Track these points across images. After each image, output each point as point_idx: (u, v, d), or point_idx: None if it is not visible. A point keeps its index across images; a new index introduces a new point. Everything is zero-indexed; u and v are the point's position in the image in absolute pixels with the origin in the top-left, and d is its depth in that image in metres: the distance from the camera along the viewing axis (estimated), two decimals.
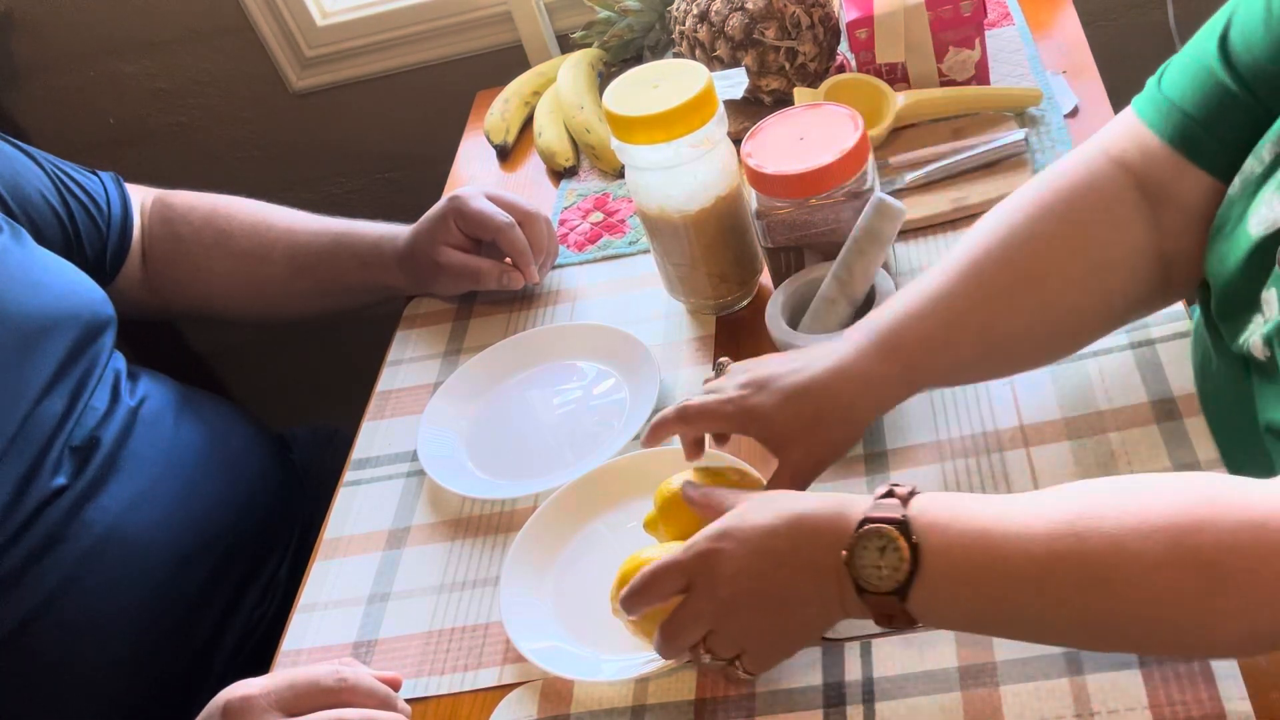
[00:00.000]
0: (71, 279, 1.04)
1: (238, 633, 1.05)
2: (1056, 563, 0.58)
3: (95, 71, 1.64)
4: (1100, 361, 0.86)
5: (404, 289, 1.17)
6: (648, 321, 1.05)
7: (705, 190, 0.95)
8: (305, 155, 1.71)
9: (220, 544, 1.04)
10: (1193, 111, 0.72)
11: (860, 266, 0.86)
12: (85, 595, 0.94)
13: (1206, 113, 0.72)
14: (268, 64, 1.60)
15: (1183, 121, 0.73)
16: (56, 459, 0.96)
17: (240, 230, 1.17)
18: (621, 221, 1.18)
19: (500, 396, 1.04)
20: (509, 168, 1.33)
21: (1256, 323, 0.66)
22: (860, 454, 0.86)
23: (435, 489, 0.97)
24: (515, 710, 0.79)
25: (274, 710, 0.76)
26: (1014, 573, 0.59)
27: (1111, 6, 1.49)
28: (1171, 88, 0.75)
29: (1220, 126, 0.71)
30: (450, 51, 1.56)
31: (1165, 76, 0.76)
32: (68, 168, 1.14)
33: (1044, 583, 0.59)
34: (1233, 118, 0.70)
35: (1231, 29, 0.71)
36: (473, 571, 0.90)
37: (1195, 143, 0.73)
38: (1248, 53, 0.69)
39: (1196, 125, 0.72)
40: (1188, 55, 0.75)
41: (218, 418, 1.13)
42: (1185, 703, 0.66)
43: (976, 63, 1.11)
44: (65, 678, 0.95)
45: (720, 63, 1.15)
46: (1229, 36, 0.71)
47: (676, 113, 0.90)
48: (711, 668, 0.70)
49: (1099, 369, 0.85)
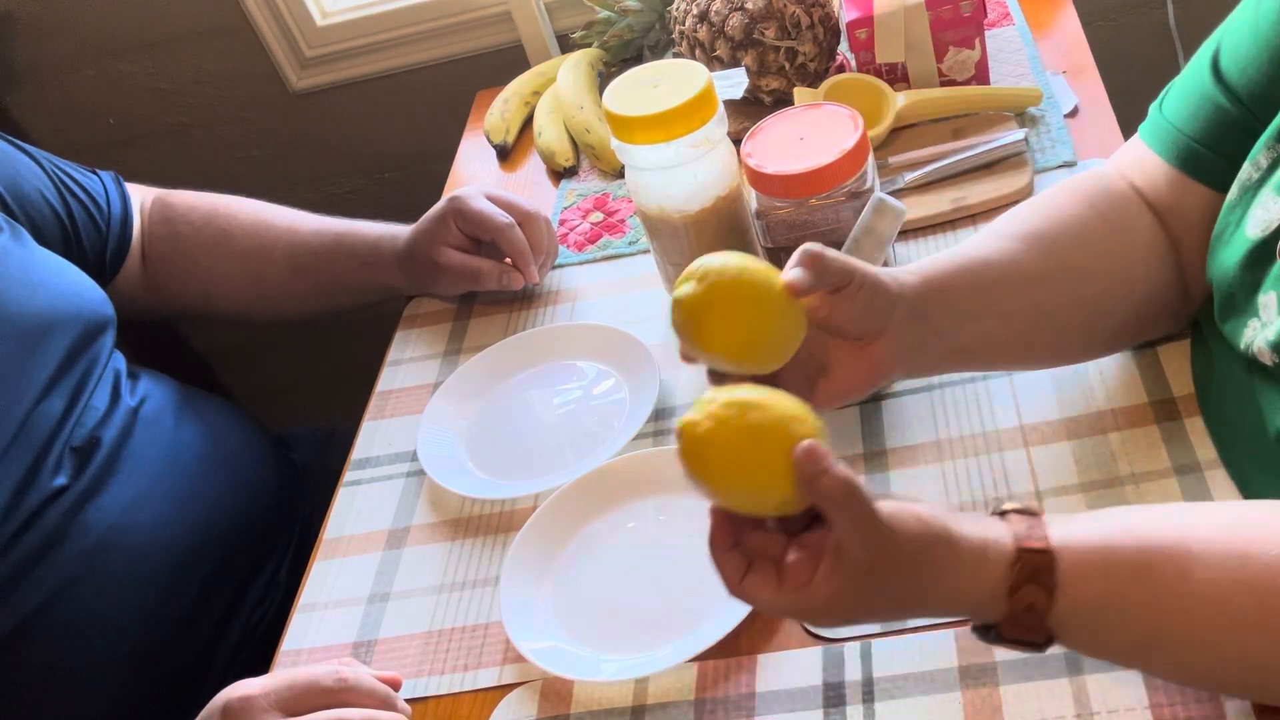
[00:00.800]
0: (71, 279, 1.04)
1: (238, 632, 1.05)
2: (1219, 596, 0.57)
3: (95, 71, 1.64)
4: (1100, 362, 0.86)
5: (404, 289, 1.17)
6: (648, 321, 1.05)
7: (705, 190, 0.95)
8: (305, 155, 1.71)
9: (220, 544, 1.04)
10: (1192, 132, 0.74)
11: None
12: (85, 595, 0.94)
13: (1206, 132, 0.73)
14: (268, 64, 1.60)
15: (1183, 142, 0.75)
16: (57, 459, 0.96)
17: (240, 230, 1.17)
18: (621, 221, 1.18)
19: (500, 396, 1.04)
20: (509, 168, 1.33)
21: (1253, 326, 0.67)
22: (860, 453, 0.86)
23: (435, 489, 0.97)
24: (515, 710, 0.79)
25: (274, 710, 0.76)
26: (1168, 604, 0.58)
27: (1111, 6, 1.49)
28: (1172, 111, 0.76)
29: (1220, 144, 0.73)
30: (450, 51, 1.56)
31: (1166, 101, 0.78)
32: (68, 167, 1.14)
33: (1201, 612, 0.57)
34: (1231, 134, 0.72)
35: (1222, 51, 0.73)
36: (473, 571, 0.90)
37: (1197, 160, 0.74)
38: (1240, 72, 0.71)
39: (1197, 144, 0.74)
40: (1186, 78, 0.76)
41: (218, 418, 1.13)
42: (1185, 703, 0.66)
43: (976, 63, 1.11)
44: (65, 677, 0.95)
45: (720, 63, 1.15)
46: (1220, 57, 0.73)
47: (676, 113, 0.90)
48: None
49: (1099, 369, 0.85)
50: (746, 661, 0.77)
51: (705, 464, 0.59)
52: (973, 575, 0.59)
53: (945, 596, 0.60)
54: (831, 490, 0.57)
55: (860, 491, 0.57)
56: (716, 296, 0.65)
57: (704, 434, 0.59)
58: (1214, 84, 0.72)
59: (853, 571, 0.58)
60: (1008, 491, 0.80)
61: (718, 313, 0.65)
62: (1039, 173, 1.03)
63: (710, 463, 0.59)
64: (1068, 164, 1.03)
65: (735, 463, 0.59)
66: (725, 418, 0.59)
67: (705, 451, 0.59)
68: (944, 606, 0.61)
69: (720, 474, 0.59)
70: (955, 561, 0.59)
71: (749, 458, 0.59)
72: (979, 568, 0.59)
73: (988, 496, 0.80)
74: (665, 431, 0.95)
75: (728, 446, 0.59)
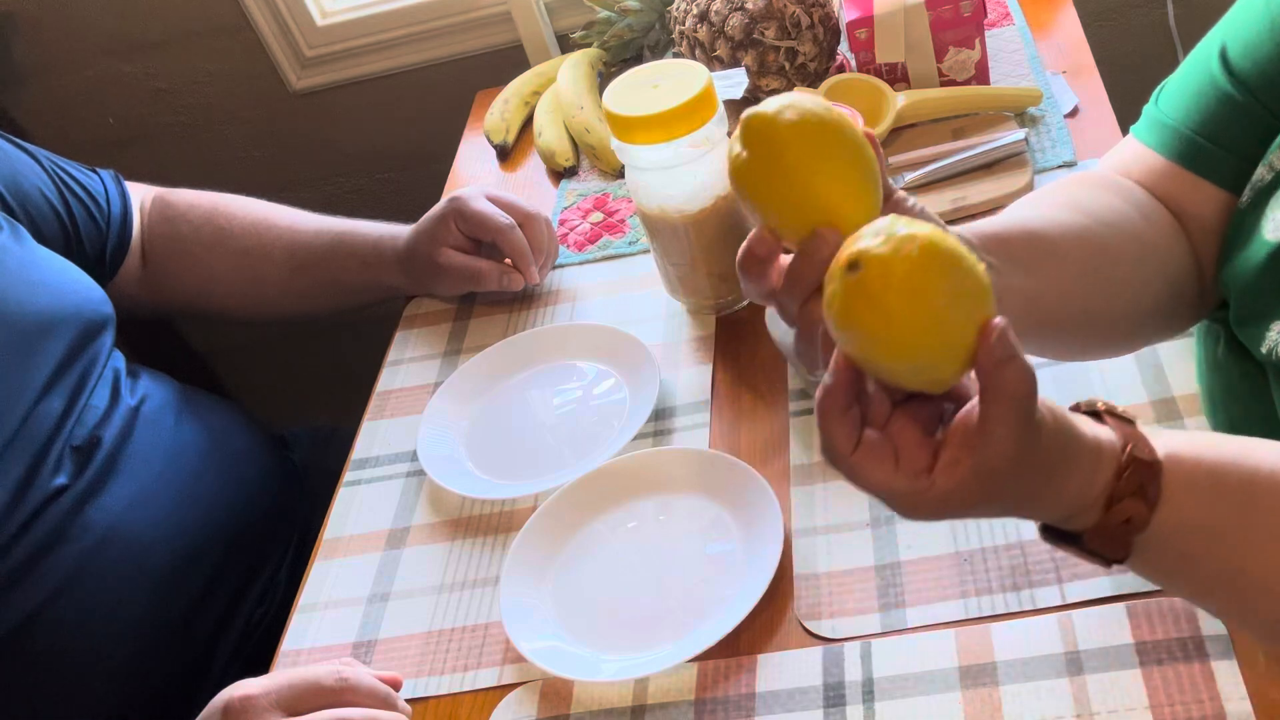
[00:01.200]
0: (71, 277, 1.04)
1: (238, 632, 1.05)
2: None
3: (95, 71, 1.64)
4: (1100, 361, 0.86)
5: (404, 289, 1.17)
6: (648, 321, 1.05)
7: (705, 190, 0.95)
8: (305, 155, 1.71)
9: (220, 544, 1.04)
10: (1197, 128, 0.72)
11: None
12: (86, 595, 0.94)
13: (1213, 126, 0.72)
14: (268, 64, 1.60)
15: (1188, 139, 0.73)
16: (57, 458, 0.96)
17: (240, 229, 1.17)
18: (621, 221, 1.18)
19: (500, 396, 1.04)
20: (509, 168, 1.33)
21: (1276, 329, 0.66)
22: None
23: (435, 489, 0.97)
24: (515, 710, 0.79)
25: (275, 710, 0.77)
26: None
27: (1111, 6, 1.49)
28: (1171, 108, 0.75)
29: (1228, 138, 0.71)
30: (450, 51, 1.56)
31: (1162, 98, 0.76)
32: (67, 166, 1.14)
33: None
34: (1240, 128, 0.70)
35: (1230, 41, 0.71)
36: (473, 571, 0.90)
37: (1204, 157, 0.73)
38: (1252, 63, 0.69)
39: (1203, 140, 0.72)
40: (1185, 73, 0.75)
41: (218, 417, 1.13)
42: (1185, 703, 0.66)
43: (976, 63, 1.11)
44: (66, 677, 0.95)
45: (720, 63, 1.15)
46: (1229, 48, 0.71)
47: (676, 113, 0.90)
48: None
49: (1099, 369, 0.85)
50: (746, 661, 0.77)
51: (874, 306, 0.48)
52: (1086, 479, 0.55)
53: (1054, 498, 0.55)
54: (1013, 384, 0.50)
55: (1035, 390, 0.51)
56: (812, 130, 0.53)
57: (885, 265, 0.47)
58: (1224, 77, 0.71)
59: (988, 467, 0.52)
60: None
61: (813, 149, 0.53)
62: (1039, 173, 1.03)
63: (880, 307, 0.48)
64: (1068, 164, 1.03)
65: (914, 317, 0.48)
66: (913, 256, 0.47)
67: (883, 294, 0.48)
68: (1049, 508, 0.56)
69: (885, 323, 0.48)
70: (1075, 464, 0.54)
71: (935, 318, 0.48)
72: (1094, 470, 0.55)
73: None
74: (665, 431, 0.95)
75: (916, 293, 0.47)
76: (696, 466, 0.89)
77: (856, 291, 0.48)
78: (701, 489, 0.88)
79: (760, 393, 0.95)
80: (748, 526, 0.84)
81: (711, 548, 0.85)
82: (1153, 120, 0.76)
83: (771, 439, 0.91)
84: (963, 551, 0.78)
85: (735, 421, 0.94)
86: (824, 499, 0.84)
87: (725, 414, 0.95)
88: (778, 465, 0.88)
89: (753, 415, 0.94)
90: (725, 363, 0.99)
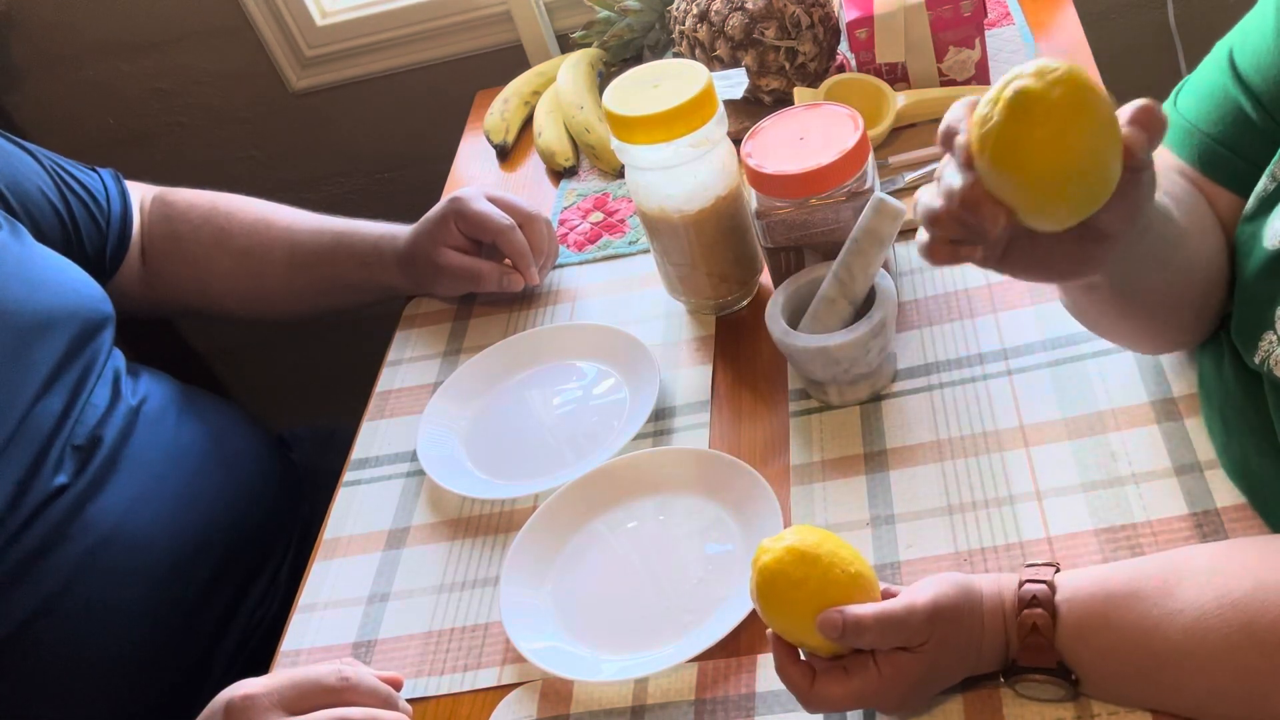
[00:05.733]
0: (70, 276, 1.04)
1: (238, 632, 1.05)
2: (1203, 614, 0.61)
3: (95, 71, 1.64)
4: (1100, 361, 0.86)
5: (404, 289, 1.17)
6: (648, 321, 1.05)
7: (705, 190, 0.95)
8: (305, 155, 1.71)
9: (220, 544, 1.04)
10: (1212, 131, 0.72)
11: (860, 266, 0.86)
12: (86, 594, 0.94)
13: (1226, 132, 0.72)
14: (267, 64, 1.60)
15: (1204, 142, 0.73)
16: (58, 458, 0.96)
17: (240, 229, 1.18)
18: (621, 221, 1.18)
19: (500, 396, 1.04)
20: (509, 168, 1.33)
21: (1269, 339, 0.66)
22: (860, 453, 0.86)
23: (435, 489, 0.97)
24: (515, 710, 0.79)
25: (276, 709, 0.76)
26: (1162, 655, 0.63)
27: (1111, 6, 1.49)
28: (1189, 110, 0.74)
29: (1240, 145, 0.71)
30: (450, 51, 1.56)
31: (1180, 99, 0.76)
32: (67, 164, 1.14)
33: (1186, 630, 0.62)
34: (1250, 137, 0.70)
35: (1238, 52, 0.71)
36: (473, 571, 0.90)
37: (1219, 162, 0.73)
38: (1259, 75, 0.69)
39: (1218, 145, 0.72)
40: (1201, 76, 0.74)
41: (218, 417, 1.13)
42: None
43: (976, 63, 1.11)
44: (66, 676, 0.95)
45: (720, 63, 1.15)
46: (1237, 55, 0.71)
47: (676, 113, 0.90)
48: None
49: (1099, 369, 0.85)
50: (746, 661, 0.77)
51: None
52: (993, 613, 0.66)
53: (988, 644, 0.66)
54: (861, 639, 0.65)
55: (886, 615, 0.65)
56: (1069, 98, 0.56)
57: (769, 572, 0.67)
58: (1234, 83, 0.70)
59: (915, 641, 0.65)
60: (1008, 492, 0.80)
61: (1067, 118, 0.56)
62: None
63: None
64: None
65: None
66: (784, 564, 0.67)
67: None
68: (989, 653, 0.67)
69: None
70: (980, 608, 0.66)
71: (795, 612, 0.67)
72: (996, 606, 0.66)
73: (988, 497, 0.80)
74: (665, 431, 0.95)
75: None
76: (696, 466, 0.89)
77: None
78: (701, 489, 0.88)
79: (760, 393, 0.95)
80: (748, 526, 0.84)
81: (711, 548, 0.85)
82: (1172, 121, 0.74)
83: (771, 439, 0.91)
84: (963, 551, 0.78)
85: (735, 421, 0.94)
86: (824, 499, 0.84)
87: (725, 414, 0.95)
88: (778, 465, 0.88)
89: (753, 415, 0.94)
90: (725, 363, 0.99)
